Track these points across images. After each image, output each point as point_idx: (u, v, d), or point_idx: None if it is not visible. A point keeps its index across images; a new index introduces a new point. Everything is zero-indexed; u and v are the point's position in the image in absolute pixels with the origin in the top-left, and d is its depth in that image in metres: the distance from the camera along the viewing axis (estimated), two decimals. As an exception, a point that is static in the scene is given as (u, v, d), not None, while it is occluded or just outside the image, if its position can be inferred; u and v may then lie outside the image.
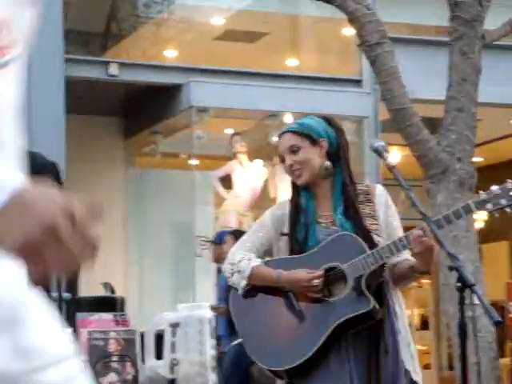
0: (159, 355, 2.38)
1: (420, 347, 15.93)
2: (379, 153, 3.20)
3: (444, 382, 14.64)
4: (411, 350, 3.16)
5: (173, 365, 2.41)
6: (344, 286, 3.09)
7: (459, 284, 2.93)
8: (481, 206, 2.99)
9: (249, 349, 3.18)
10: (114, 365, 2.42)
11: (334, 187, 3.23)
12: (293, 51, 11.69)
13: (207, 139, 10.78)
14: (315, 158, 3.21)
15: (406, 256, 3.15)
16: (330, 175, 3.23)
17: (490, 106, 10.05)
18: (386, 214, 3.24)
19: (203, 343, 2.43)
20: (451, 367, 13.74)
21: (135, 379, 2.42)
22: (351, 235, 3.11)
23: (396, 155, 11.05)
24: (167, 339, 2.42)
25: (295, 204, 3.24)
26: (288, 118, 11.15)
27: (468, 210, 3.00)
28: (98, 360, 2.39)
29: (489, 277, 6.87)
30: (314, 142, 3.22)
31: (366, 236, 3.13)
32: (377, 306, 3.07)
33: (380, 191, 3.28)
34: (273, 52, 11.50)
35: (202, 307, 2.46)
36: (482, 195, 3.02)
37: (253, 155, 11.19)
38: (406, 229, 3.22)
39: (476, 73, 6.77)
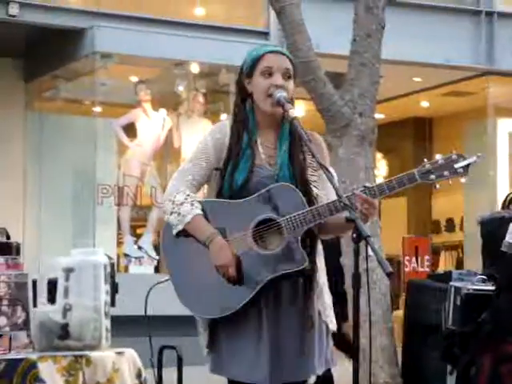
0: (52, 300, 2.35)
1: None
2: (281, 103, 3.18)
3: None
4: (328, 300, 3.17)
5: (65, 310, 2.38)
6: (279, 239, 3.02)
7: (355, 235, 2.97)
8: (424, 176, 2.98)
9: (179, 292, 3.07)
10: (4, 308, 2.37)
11: (282, 127, 3.15)
12: (201, 0, 11.55)
13: (111, 86, 10.60)
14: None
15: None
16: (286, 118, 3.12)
17: (393, 64, 10.16)
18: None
19: (97, 288, 2.40)
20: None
21: (25, 323, 2.39)
22: (292, 187, 3.04)
23: (299, 109, 11.10)
24: (60, 284, 2.39)
25: (238, 137, 3.11)
26: (194, 68, 11.06)
27: (412, 180, 2.97)
28: (-12, 303, 2.35)
29: (387, 232, 7.01)
30: (294, 81, 3.19)
31: (305, 187, 3.07)
32: (309, 264, 3.02)
33: (320, 140, 3.22)
34: (181, 0, 11.34)
35: (96, 253, 2.43)
36: (427, 165, 2.99)
37: (157, 104, 11.08)
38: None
39: (380, 28, 6.84)
